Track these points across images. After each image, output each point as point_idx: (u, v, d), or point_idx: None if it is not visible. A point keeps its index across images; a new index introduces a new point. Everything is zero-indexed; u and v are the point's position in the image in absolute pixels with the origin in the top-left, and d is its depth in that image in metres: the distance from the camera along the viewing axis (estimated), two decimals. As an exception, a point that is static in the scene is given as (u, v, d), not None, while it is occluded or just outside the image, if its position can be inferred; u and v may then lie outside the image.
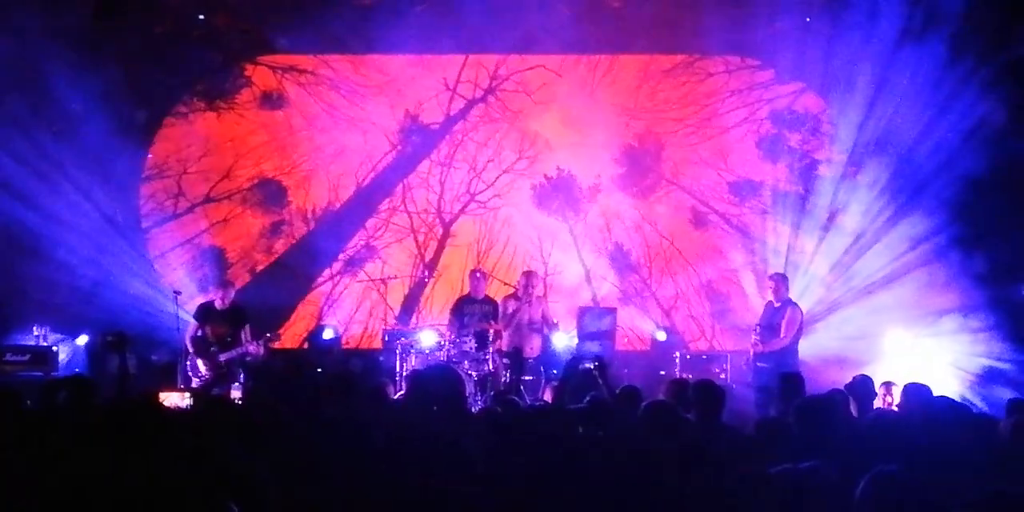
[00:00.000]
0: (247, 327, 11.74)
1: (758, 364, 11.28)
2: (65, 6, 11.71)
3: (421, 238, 15.00)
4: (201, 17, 12.99)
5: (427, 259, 14.89)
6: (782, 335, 11.36)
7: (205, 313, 11.75)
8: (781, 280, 11.78)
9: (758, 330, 11.45)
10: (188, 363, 11.66)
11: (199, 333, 11.61)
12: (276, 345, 11.92)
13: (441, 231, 15.03)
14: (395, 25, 13.48)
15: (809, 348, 12.02)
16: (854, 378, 8.84)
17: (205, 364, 11.50)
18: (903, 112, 12.91)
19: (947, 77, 12.23)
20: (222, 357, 11.49)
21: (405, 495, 4.82)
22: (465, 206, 15.08)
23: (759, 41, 13.35)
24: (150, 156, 14.42)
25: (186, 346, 11.68)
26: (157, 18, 12.66)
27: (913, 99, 12.77)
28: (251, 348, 11.51)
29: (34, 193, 12.51)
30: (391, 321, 13.78)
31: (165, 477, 4.98)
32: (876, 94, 13.04)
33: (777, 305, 11.59)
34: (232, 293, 11.89)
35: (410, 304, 14.58)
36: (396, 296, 14.48)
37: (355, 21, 13.40)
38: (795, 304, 11.63)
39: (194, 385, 11.39)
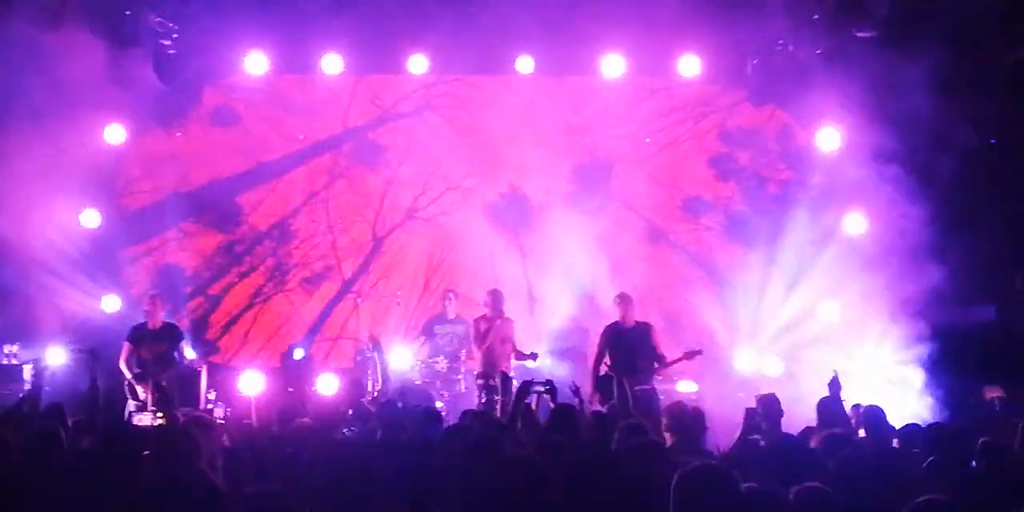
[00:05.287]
0: (183, 344, 11.52)
1: (637, 390, 11.06)
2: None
3: (367, 255, 14.90)
4: (175, 36, 12.80)
5: (376, 277, 14.76)
6: (661, 352, 11.39)
7: (138, 334, 11.44)
8: (629, 301, 11.71)
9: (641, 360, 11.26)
10: (126, 387, 11.24)
11: (133, 355, 11.34)
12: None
13: (371, 247, 14.92)
14: (353, 43, 13.53)
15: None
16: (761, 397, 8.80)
17: (144, 388, 11.08)
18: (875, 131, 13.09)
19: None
20: (163, 378, 11.16)
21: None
22: (402, 223, 14.99)
23: (728, 62, 13.60)
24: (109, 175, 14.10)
25: (121, 370, 11.29)
26: (131, 40, 12.43)
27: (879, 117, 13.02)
28: (191, 365, 11.24)
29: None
30: (356, 339, 13.66)
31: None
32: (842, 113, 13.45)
33: (630, 326, 11.54)
34: (159, 309, 11.60)
35: (366, 322, 14.42)
36: (355, 314, 14.36)
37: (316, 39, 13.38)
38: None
39: (131, 410, 11.04)
